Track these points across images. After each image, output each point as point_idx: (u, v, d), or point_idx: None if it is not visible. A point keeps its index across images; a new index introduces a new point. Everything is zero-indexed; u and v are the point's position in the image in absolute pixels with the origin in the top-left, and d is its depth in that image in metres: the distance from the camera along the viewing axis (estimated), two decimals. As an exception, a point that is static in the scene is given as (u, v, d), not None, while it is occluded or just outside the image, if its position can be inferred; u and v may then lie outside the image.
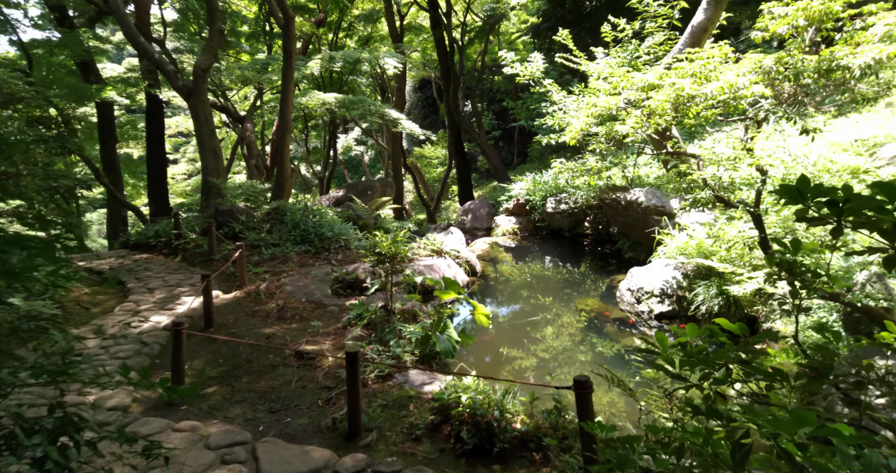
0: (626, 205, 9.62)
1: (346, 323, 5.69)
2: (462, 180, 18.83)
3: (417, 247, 9.26)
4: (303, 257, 8.29)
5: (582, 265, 10.39)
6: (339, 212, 11.27)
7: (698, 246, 7.45)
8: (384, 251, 5.20)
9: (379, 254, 5.29)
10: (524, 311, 7.72)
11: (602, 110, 5.61)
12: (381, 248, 5.25)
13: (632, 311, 7.51)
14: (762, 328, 6.53)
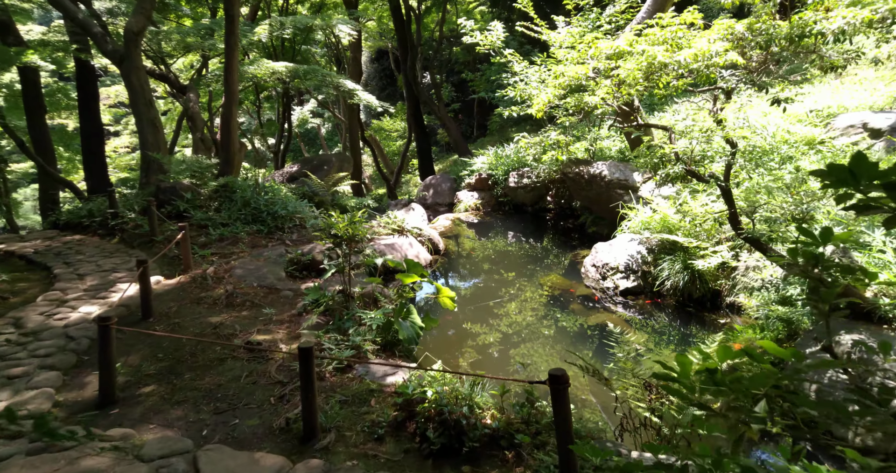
0: (589, 179, 9.46)
1: (301, 309, 5.31)
2: (422, 154, 18.36)
3: (378, 226, 8.87)
4: (254, 237, 7.78)
5: (545, 240, 10.25)
6: (293, 188, 10.69)
7: (663, 221, 7.36)
8: (340, 233, 4.82)
9: (335, 236, 4.90)
10: (489, 290, 7.50)
11: (570, 80, 5.31)
12: (338, 230, 4.85)
13: (597, 287, 7.40)
14: (726, 302, 6.53)
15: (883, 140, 7.63)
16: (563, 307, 6.84)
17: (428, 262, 8.32)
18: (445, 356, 5.47)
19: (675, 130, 4.97)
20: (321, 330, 4.80)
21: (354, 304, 5.13)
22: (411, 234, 8.55)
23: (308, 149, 31.81)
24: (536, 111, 5.83)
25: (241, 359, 4.35)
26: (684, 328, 6.21)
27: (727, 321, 6.21)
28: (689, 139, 4.61)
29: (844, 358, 4.20)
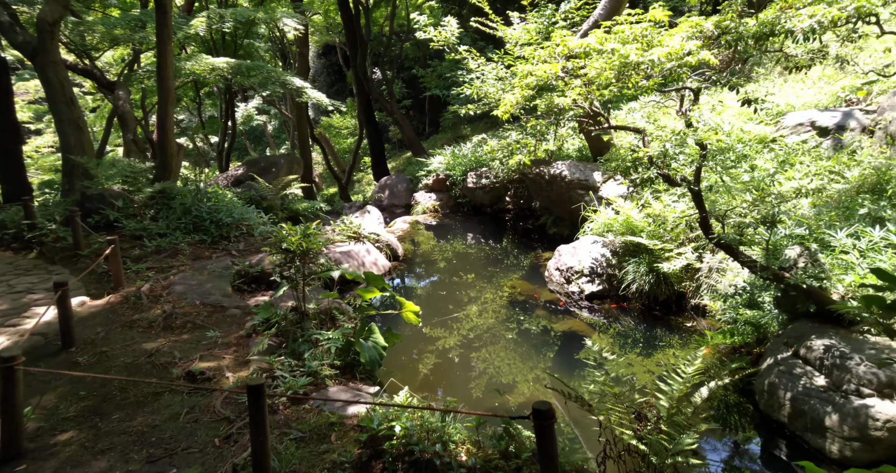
0: (549, 180, 9.30)
1: (250, 330, 4.81)
2: (375, 152, 17.84)
3: (332, 232, 8.39)
4: (196, 248, 7.14)
5: (505, 241, 10.03)
6: (239, 192, 10.01)
7: (626, 223, 7.24)
8: (293, 247, 4.35)
9: (286, 251, 4.43)
10: (452, 298, 7.17)
11: (538, 80, 5.04)
12: (289, 244, 4.39)
13: (562, 292, 7.21)
14: (691, 304, 6.46)
15: (830, 138, 7.81)
16: (528, 314, 6.60)
17: (387, 269, 7.91)
18: (412, 377, 5.11)
19: (648, 133, 4.78)
20: (273, 354, 4.33)
21: (310, 323, 4.68)
22: (368, 240, 8.11)
23: (254, 148, 30.57)
24: (502, 113, 5.52)
25: (181, 393, 3.84)
26: (650, 332, 6.09)
27: (693, 324, 6.14)
28: (661, 142, 4.42)
29: (817, 363, 4.11)
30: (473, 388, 4.92)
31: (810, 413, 3.89)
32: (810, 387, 4.01)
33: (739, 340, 5.06)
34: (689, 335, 5.94)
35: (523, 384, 4.93)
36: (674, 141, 4.29)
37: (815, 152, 7.48)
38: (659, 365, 5.26)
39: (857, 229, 4.95)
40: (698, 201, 4.75)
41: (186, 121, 27.13)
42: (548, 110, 5.07)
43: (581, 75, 4.79)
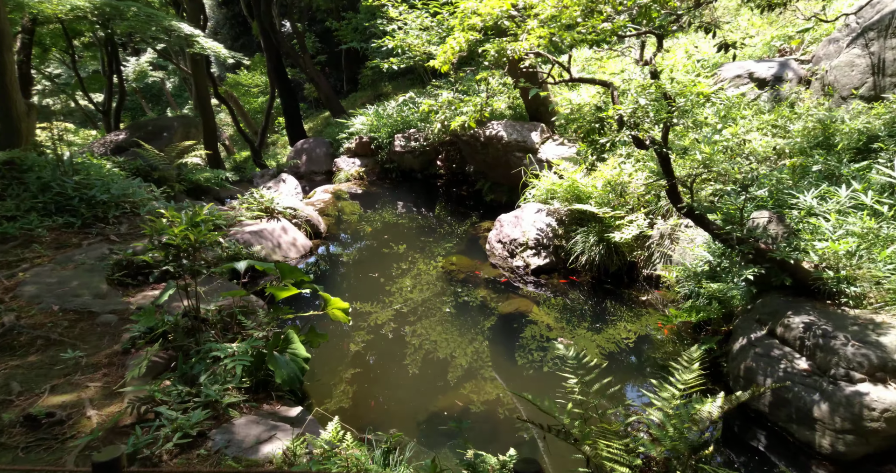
0: (484, 142, 8.51)
1: (127, 344, 3.72)
2: (289, 113, 16.18)
3: (240, 207, 7.18)
4: (61, 234, 5.73)
5: (440, 209, 9.21)
6: (122, 162, 8.42)
7: (571, 188, 6.63)
8: (176, 241, 3.27)
9: (168, 246, 3.33)
10: (385, 281, 6.31)
11: (484, 20, 4.11)
12: (171, 236, 3.30)
13: (505, 266, 6.56)
14: (643, 274, 6.03)
15: (768, 90, 7.54)
16: (471, 295, 5.90)
17: (307, 250, 6.88)
18: (343, 387, 4.25)
19: (614, 86, 4.04)
20: (158, 378, 3.32)
21: (208, 333, 3.67)
22: (284, 217, 7.00)
23: (152, 108, 27.39)
24: (441, 63, 4.56)
25: (13, 447, 2.77)
26: (602, 307, 5.60)
27: (647, 297, 5.70)
28: (634, 98, 3.70)
29: (797, 344, 3.71)
30: (420, 403, 4.16)
31: (795, 403, 3.48)
32: (792, 372, 3.60)
33: (704, 316, 4.62)
34: (645, 309, 5.50)
35: (478, 392, 4.24)
36: (647, 96, 3.59)
37: (754, 105, 7.17)
38: (622, 350, 4.76)
39: (824, 190, 4.57)
40: (666, 166, 4.14)
41: (66, 77, 23.56)
42: (498, 59, 4.20)
43: (538, 14, 3.92)
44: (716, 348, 4.28)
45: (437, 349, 4.83)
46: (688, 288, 5.07)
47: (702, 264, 5.01)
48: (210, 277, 5.61)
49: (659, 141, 4.00)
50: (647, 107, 3.61)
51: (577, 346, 3.46)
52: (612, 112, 3.66)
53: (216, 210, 6.45)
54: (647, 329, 5.17)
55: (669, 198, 4.28)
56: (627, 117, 3.62)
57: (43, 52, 16.53)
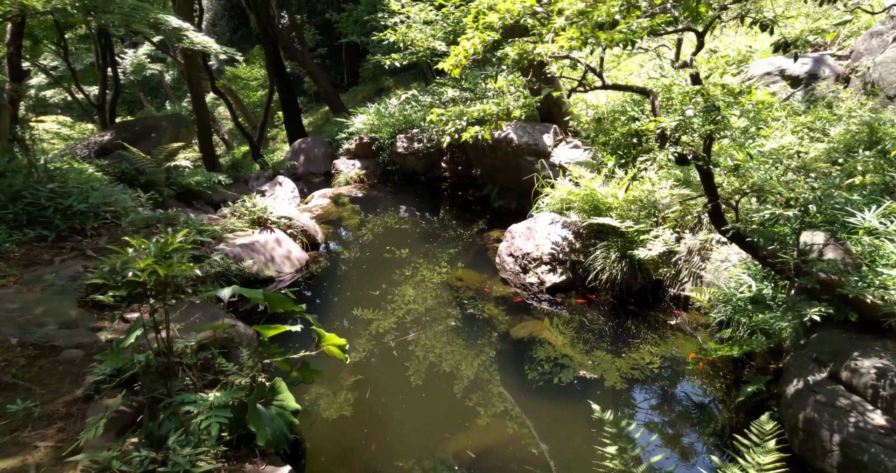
0: (492, 145, 7.98)
1: (90, 389, 3.22)
2: (288, 109, 15.61)
3: (231, 216, 6.66)
4: (31, 249, 5.22)
5: (445, 216, 8.68)
6: (106, 165, 7.89)
7: (589, 198, 6.11)
8: (144, 278, 2.75)
9: (133, 284, 2.81)
10: (386, 300, 5.79)
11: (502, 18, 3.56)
12: (138, 272, 2.78)
13: (517, 283, 6.05)
14: (669, 294, 5.52)
15: (802, 88, 6.99)
16: (480, 317, 5.39)
17: (303, 264, 6.36)
18: (338, 432, 3.75)
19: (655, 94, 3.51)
20: (122, 437, 2.81)
21: (184, 378, 3.16)
22: (278, 227, 6.48)
23: (151, 100, 26.79)
24: (451, 67, 4.01)
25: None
26: (626, 332, 5.09)
27: (676, 321, 5.19)
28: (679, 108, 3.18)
29: (869, 393, 3.21)
30: (425, 446, 3.66)
31: (872, 467, 2.97)
32: (866, 428, 3.09)
33: (746, 349, 4.11)
34: (673, 334, 4.99)
35: (490, 436, 3.74)
36: (694, 105, 3.06)
37: (786, 106, 6.62)
38: (653, 385, 4.25)
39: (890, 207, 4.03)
40: (709, 184, 3.63)
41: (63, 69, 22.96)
42: (520, 62, 3.64)
43: (563, 10, 3.38)
44: (764, 389, 3.77)
45: (444, 382, 4.33)
46: (724, 314, 4.56)
47: (741, 288, 4.50)
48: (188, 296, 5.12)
49: (702, 155, 3.48)
50: (692, 119, 3.09)
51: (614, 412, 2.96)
52: (653, 126, 3.14)
53: (201, 223, 5.94)
54: (676, 355, 4.67)
55: (712, 220, 3.77)
56: (671, 131, 3.10)
57: (34, 45, 15.98)
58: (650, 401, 4.13)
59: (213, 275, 5.49)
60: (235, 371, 3.16)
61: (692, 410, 4.03)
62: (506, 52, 3.67)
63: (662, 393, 4.22)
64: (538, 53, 3.42)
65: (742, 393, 3.79)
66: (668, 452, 3.57)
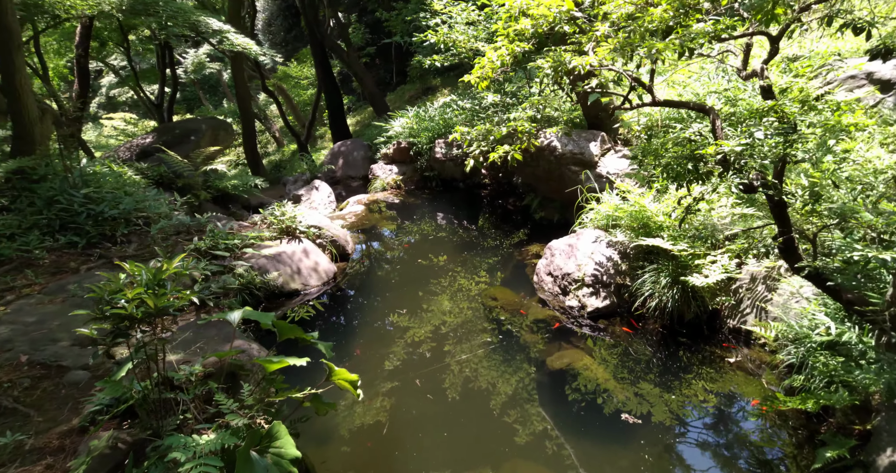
0: (535, 154, 7.51)
1: (86, 420, 3.03)
2: (333, 110, 15.59)
3: (261, 224, 6.51)
4: (61, 256, 5.20)
5: (483, 226, 8.28)
6: (145, 168, 7.93)
7: (638, 215, 5.59)
8: (130, 309, 2.51)
9: (121, 317, 2.58)
10: (414, 322, 5.46)
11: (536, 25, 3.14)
12: (126, 303, 2.54)
13: (556, 305, 5.60)
14: (728, 326, 4.94)
15: (893, 94, 6.17)
16: (515, 343, 4.98)
17: (330, 276, 6.12)
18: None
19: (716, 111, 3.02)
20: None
21: (180, 414, 2.92)
22: (307, 237, 6.27)
23: (210, 99, 27.60)
24: (477, 80, 3.63)
25: None
26: (677, 367, 4.57)
27: (736, 358, 4.62)
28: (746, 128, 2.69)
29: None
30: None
31: None
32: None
33: (823, 402, 3.53)
34: (733, 372, 4.43)
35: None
36: (765, 126, 2.56)
37: (874, 114, 5.85)
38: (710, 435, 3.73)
39: None
40: (781, 214, 3.10)
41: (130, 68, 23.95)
42: (555, 76, 3.22)
43: (608, 14, 2.93)
44: (847, 456, 3.21)
45: (470, 420, 3.96)
46: (795, 356, 3.99)
47: (816, 329, 3.91)
48: (211, 311, 4.94)
49: (773, 182, 2.96)
50: (761, 143, 2.59)
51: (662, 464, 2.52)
52: (712, 150, 2.65)
53: (228, 232, 5.79)
54: (736, 397, 4.13)
55: (782, 255, 3.23)
56: (735, 157, 2.61)
57: (101, 46, 16.69)
58: (704, 453, 3.62)
59: (237, 289, 5.32)
60: (234, 409, 2.89)
61: (755, 469, 3.50)
62: (537, 65, 3.24)
63: (718, 445, 3.70)
64: (576, 66, 2.98)
65: (820, 458, 3.23)
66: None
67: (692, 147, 2.81)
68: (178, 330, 4.10)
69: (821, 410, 3.71)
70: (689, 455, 3.60)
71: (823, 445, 3.34)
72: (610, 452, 3.64)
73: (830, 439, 3.36)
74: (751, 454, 3.61)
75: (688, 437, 3.76)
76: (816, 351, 3.85)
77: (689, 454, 3.62)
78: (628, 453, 3.60)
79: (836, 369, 3.53)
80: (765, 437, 3.75)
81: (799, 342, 4.04)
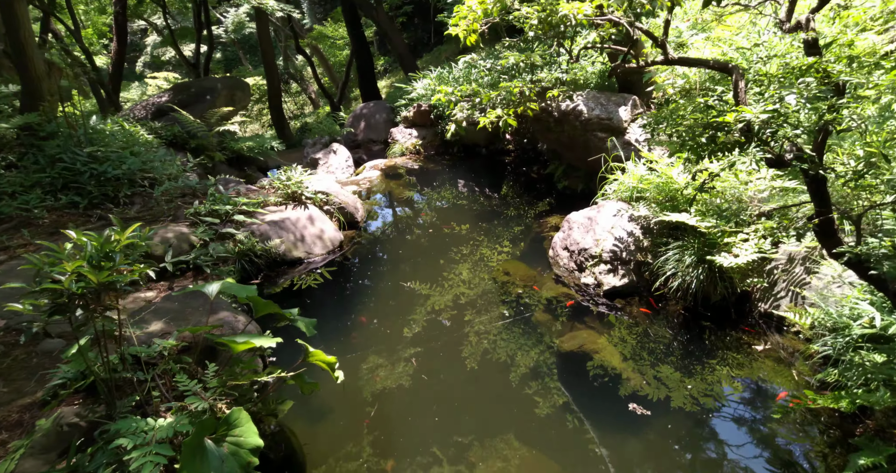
0: (559, 118, 6.99)
1: (49, 393, 2.90)
2: (363, 71, 15.13)
3: (269, 188, 6.30)
4: (61, 216, 5.11)
5: (502, 195, 7.88)
6: (159, 128, 7.79)
7: (665, 187, 5.10)
8: (66, 284, 2.30)
9: (58, 292, 2.37)
10: (415, 298, 5.18)
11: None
12: (64, 276, 2.34)
13: (571, 282, 5.23)
14: (759, 309, 4.49)
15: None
16: (525, 322, 4.66)
17: (336, 245, 5.88)
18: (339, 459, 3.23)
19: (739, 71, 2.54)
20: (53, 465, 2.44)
21: (132, 396, 2.74)
22: (314, 203, 6.02)
23: (249, 59, 27.49)
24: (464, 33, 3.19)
25: None
26: (700, 353, 4.18)
27: (764, 346, 4.19)
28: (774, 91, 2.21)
29: None
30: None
31: None
32: None
33: (860, 401, 3.11)
34: (762, 360, 4.01)
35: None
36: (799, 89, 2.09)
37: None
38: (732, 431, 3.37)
39: None
40: (819, 190, 2.62)
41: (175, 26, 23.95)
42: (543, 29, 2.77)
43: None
44: (885, 465, 2.81)
45: (469, 404, 3.71)
46: (832, 348, 3.54)
47: (859, 320, 3.44)
48: (208, 278, 4.80)
49: (809, 154, 2.47)
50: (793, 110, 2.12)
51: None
52: (733, 118, 2.20)
53: (232, 196, 5.60)
54: (763, 388, 3.75)
55: (819, 238, 2.76)
56: (760, 125, 2.15)
57: (138, 3, 16.71)
58: (720, 448, 3.28)
59: (237, 254, 5.15)
60: (197, 391, 2.69)
61: (776, 469, 3.14)
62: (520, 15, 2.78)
63: (737, 439, 3.35)
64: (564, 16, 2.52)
65: (851, 465, 2.84)
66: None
67: (712, 115, 2.36)
68: (162, 300, 3.95)
69: (857, 410, 3.30)
70: (702, 449, 3.27)
71: (857, 450, 2.95)
72: (618, 440, 3.34)
73: (865, 444, 2.96)
74: (773, 452, 3.26)
75: (704, 429, 3.42)
76: (857, 343, 3.40)
77: (703, 447, 3.28)
78: (638, 442, 3.29)
79: (878, 366, 3.10)
80: (791, 434, 3.38)
81: (837, 332, 3.59)
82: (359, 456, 3.27)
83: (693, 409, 3.56)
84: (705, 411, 3.56)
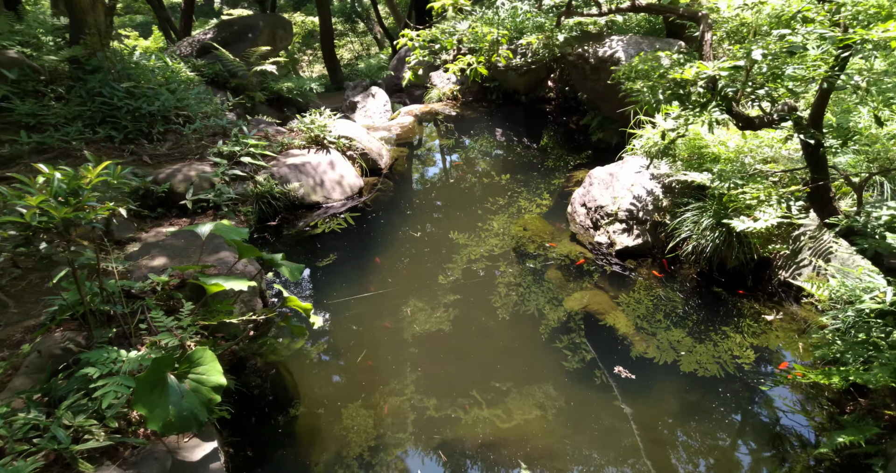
0: (595, 64, 6.51)
1: (47, 318, 3.17)
2: (418, 10, 14.61)
3: (296, 131, 6.37)
4: (98, 149, 5.42)
5: (538, 146, 7.58)
6: (202, 65, 7.96)
7: (692, 144, 4.73)
8: (28, 218, 2.43)
9: (22, 225, 2.50)
10: (427, 251, 5.18)
11: None
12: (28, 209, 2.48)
13: (585, 240, 5.06)
14: (778, 278, 4.19)
15: None
16: (535, 280, 4.56)
17: (356, 191, 5.92)
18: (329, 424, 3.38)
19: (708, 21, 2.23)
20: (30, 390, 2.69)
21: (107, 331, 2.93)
22: (336, 148, 6.05)
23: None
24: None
25: None
26: (711, 320, 3.99)
27: (775, 315, 3.94)
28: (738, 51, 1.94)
29: None
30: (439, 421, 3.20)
31: None
32: None
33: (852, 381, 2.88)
34: (773, 332, 3.79)
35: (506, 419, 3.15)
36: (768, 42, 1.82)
37: None
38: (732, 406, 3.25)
39: None
40: (814, 155, 2.32)
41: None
42: None
43: None
44: (863, 444, 2.63)
45: (467, 361, 3.75)
46: (843, 321, 3.27)
47: (871, 293, 3.13)
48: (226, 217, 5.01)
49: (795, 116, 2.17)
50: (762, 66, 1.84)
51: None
52: (691, 73, 1.95)
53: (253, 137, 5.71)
54: (769, 361, 3.57)
55: (813, 205, 2.48)
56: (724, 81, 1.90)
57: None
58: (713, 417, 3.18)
59: (255, 196, 5.32)
60: (171, 327, 2.87)
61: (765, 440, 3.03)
62: None
63: (733, 410, 3.24)
64: None
65: (829, 442, 2.70)
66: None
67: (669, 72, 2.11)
68: (171, 236, 4.18)
69: (855, 386, 3.08)
70: (694, 419, 3.17)
71: (841, 429, 2.78)
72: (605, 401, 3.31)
73: (851, 423, 2.79)
74: (766, 422, 3.13)
75: (700, 399, 3.31)
76: (868, 318, 3.11)
77: (695, 417, 3.19)
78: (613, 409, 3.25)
79: (877, 341, 2.85)
80: (789, 406, 3.23)
81: (850, 305, 3.30)
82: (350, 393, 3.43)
83: (685, 378, 3.45)
84: (703, 376, 3.44)
